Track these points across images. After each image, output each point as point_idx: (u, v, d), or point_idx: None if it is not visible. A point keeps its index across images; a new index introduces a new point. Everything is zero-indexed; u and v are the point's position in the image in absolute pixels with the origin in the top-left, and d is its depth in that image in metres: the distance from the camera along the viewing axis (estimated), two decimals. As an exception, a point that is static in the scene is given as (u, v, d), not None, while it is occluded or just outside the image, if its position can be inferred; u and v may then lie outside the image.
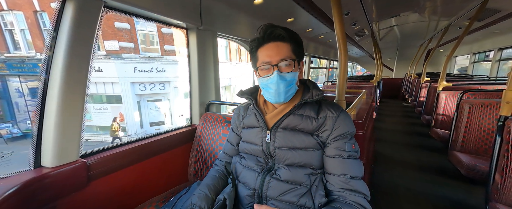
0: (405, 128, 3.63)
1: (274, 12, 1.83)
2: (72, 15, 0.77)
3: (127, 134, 7.46)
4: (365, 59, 9.42)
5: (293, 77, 0.66)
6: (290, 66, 0.65)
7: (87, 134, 7.57)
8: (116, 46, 6.65)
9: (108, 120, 7.51)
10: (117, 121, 7.43)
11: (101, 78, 6.91)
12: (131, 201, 1.04)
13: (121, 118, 7.51)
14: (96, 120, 7.58)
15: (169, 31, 7.77)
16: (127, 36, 6.82)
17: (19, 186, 0.68)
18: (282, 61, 0.64)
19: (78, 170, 0.84)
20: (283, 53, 0.65)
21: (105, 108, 7.45)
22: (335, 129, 0.66)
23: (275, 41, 0.65)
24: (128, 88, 7.15)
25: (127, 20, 6.78)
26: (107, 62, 6.76)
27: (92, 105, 7.46)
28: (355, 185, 0.62)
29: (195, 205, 0.67)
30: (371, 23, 2.96)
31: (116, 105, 7.39)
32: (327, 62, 5.63)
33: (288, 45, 0.66)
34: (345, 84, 1.15)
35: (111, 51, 6.71)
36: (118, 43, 6.64)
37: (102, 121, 7.55)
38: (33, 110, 5.09)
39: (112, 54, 6.71)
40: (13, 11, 6.80)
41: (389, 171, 2.07)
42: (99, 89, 7.16)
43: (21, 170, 0.78)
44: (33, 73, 7.57)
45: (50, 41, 0.79)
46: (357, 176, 0.64)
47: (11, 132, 7.06)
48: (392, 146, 2.77)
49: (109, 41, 6.68)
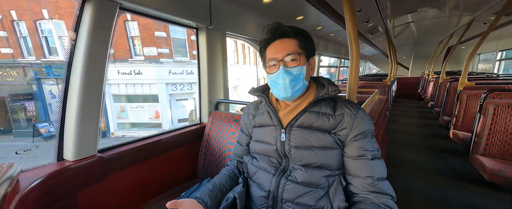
0: (421, 129, 3.33)
1: (283, 11, 1.74)
2: (90, 17, 0.78)
3: (162, 128, 8.01)
4: (378, 58, 8.96)
5: (299, 72, 0.62)
6: (296, 61, 0.63)
7: (130, 131, 8.24)
8: (154, 52, 7.50)
9: (145, 118, 8.20)
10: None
11: (140, 80, 7.64)
12: (144, 195, 1.06)
13: (156, 115, 8.12)
14: (136, 117, 8.24)
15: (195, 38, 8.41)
16: (164, 43, 7.62)
17: (44, 178, 0.71)
18: (288, 56, 0.63)
19: (96, 164, 0.87)
20: (288, 48, 0.63)
21: (142, 107, 8.13)
22: (355, 127, 0.61)
23: (280, 38, 0.64)
24: (164, 89, 7.83)
25: (165, 29, 7.51)
26: (147, 66, 7.53)
27: (129, 104, 8.11)
28: (382, 186, 0.58)
29: (198, 199, 0.64)
30: (385, 20, 2.77)
31: (152, 103, 8.07)
32: (337, 60, 5.48)
33: (294, 41, 0.64)
34: (357, 83, 1.11)
35: (149, 56, 7.51)
36: (156, 50, 7.49)
37: (137, 119, 8.22)
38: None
39: (150, 59, 7.53)
40: (53, 20, 7.52)
41: (403, 175, 1.90)
42: (137, 90, 7.86)
43: (46, 162, 0.82)
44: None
45: (70, 43, 0.81)
46: (383, 177, 0.60)
47: (49, 130, 7.57)
48: (406, 148, 2.54)
49: (148, 48, 7.46)
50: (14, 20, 7.38)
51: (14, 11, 7.26)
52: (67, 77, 0.82)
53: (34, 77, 7.84)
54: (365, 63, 9.96)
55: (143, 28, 7.38)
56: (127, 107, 8.14)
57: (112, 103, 8.04)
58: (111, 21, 0.85)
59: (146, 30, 7.39)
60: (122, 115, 8.20)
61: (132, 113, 8.20)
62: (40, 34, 7.64)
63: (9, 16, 7.31)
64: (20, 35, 7.59)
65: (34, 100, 7.94)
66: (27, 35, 7.56)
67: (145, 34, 7.41)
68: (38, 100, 7.96)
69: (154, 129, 8.20)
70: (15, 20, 7.38)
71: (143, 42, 7.47)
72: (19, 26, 7.53)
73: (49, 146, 4.18)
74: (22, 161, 4.80)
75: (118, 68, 7.35)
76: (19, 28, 7.55)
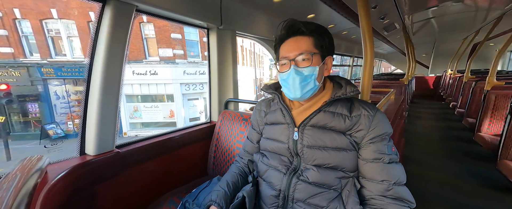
0: (442, 132, 3.14)
1: (294, 9, 1.71)
2: (109, 19, 0.82)
3: (177, 127, 8.35)
4: (394, 56, 8.52)
5: (311, 72, 0.60)
6: (308, 61, 0.60)
7: (143, 130, 8.41)
8: (170, 53, 7.75)
9: (159, 117, 8.37)
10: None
11: (156, 80, 7.89)
12: (157, 190, 1.09)
13: (171, 114, 8.36)
14: (149, 116, 8.43)
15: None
16: (179, 45, 7.86)
17: (68, 170, 0.76)
18: (300, 55, 0.60)
19: (114, 159, 0.91)
20: (301, 47, 0.60)
21: (156, 106, 8.35)
22: (372, 129, 0.59)
23: (294, 36, 0.62)
24: (178, 89, 8.07)
25: (180, 31, 7.75)
26: (163, 67, 7.78)
27: (143, 104, 8.30)
28: (399, 192, 0.55)
29: (214, 202, 0.64)
30: (402, 16, 2.63)
31: (167, 103, 8.30)
32: (350, 59, 5.30)
33: (309, 39, 0.61)
34: (370, 83, 1.06)
35: (164, 57, 7.75)
36: (172, 51, 7.75)
37: (151, 118, 8.41)
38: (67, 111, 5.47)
39: (165, 60, 7.77)
40: (62, 20, 7.33)
41: (421, 180, 1.80)
42: (151, 90, 8.11)
43: (70, 156, 0.88)
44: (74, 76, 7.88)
45: (92, 44, 0.85)
46: (401, 182, 0.57)
47: (56, 132, 7.50)
48: (425, 151, 2.39)
49: (163, 49, 7.70)
50: (17, 19, 7.16)
51: (18, 9, 7.11)
52: (88, 77, 0.87)
53: (40, 77, 7.62)
54: (380, 62, 9.54)
55: (159, 30, 7.63)
56: (140, 106, 8.36)
57: (125, 103, 8.27)
58: (128, 22, 0.88)
59: (162, 32, 7.63)
60: (135, 115, 8.41)
61: (146, 112, 8.41)
62: (46, 34, 7.52)
63: (11, 14, 7.10)
64: (22, 34, 7.43)
65: (39, 102, 7.77)
66: (30, 34, 7.37)
67: (161, 36, 7.65)
68: (43, 102, 7.79)
69: (166, 128, 8.53)
70: (17, 19, 7.17)
71: (158, 44, 7.72)
72: (21, 25, 7.35)
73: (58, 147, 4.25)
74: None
75: (133, 69, 7.63)
76: (21, 26, 7.34)
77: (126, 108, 8.34)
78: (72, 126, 8.23)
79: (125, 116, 8.34)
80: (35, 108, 7.85)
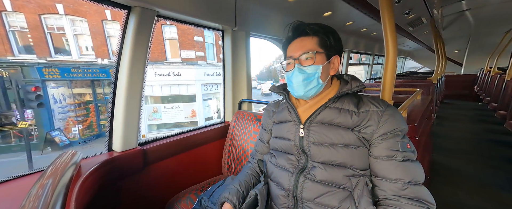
0: (479, 136, 2.86)
1: (310, 8, 1.68)
2: (134, 24, 0.87)
3: (193, 127, 8.63)
4: (420, 53, 7.82)
5: (314, 71, 0.61)
6: (311, 60, 0.61)
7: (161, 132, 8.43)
8: (192, 55, 8.19)
9: (180, 117, 8.54)
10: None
11: (179, 81, 8.19)
12: (175, 187, 1.13)
13: (192, 114, 8.67)
14: (170, 117, 8.45)
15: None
16: (201, 47, 8.28)
17: (99, 164, 0.81)
18: (303, 54, 0.62)
19: (137, 155, 0.97)
20: (305, 47, 0.62)
21: (177, 106, 8.57)
22: (382, 125, 0.57)
23: (300, 36, 0.64)
24: (200, 89, 8.42)
25: (201, 34, 8.14)
26: (188, 68, 8.16)
27: (163, 104, 8.33)
28: (416, 191, 0.52)
29: (227, 198, 0.67)
30: (431, 9, 2.41)
31: (189, 103, 8.59)
32: (370, 57, 5.00)
33: (313, 39, 0.63)
34: (393, 82, 1.00)
35: (186, 59, 8.13)
36: (194, 53, 8.19)
37: (171, 119, 8.50)
38: (69, 115, 5.60)
39: (187, 62, 8.13)
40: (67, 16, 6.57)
41: (452, 188, 1.65)
42: (173, 91, 8.33)
43: (101, 151, 0.96)
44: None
45: (118, 48, 0.91)
46: (418, 181, 0.53)
47: (61, 140, 6.76)
48: (458, 157, 2.20)
49: (186, 51, 8.12)
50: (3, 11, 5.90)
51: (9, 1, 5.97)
52: (115, 79, 0.93)
53: (39, 79, 6.41)
54: (404, 60, 8.87)
55: (182, 33, 8.08)
56: (160, 107, 8.42)
57: (144, 105, 8.11)
58: (150, 27, 0.93)
59: (185, 34, 8.09)
60: (154, 116, 8.35)
61: (166, 113, 8.46)
62: (45, 30, 6.49)
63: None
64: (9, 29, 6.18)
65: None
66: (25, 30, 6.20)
67: (183, 38, 8.12)
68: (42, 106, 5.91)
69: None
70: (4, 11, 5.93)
71: (180, 46, 8.14)
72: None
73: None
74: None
75: (156, 70, 7.92)
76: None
77: (145, 109, 8.08)
78: (77, 132, 7.46)
79: (143, 117, 8.01)
80: (26, 113, 6.19)
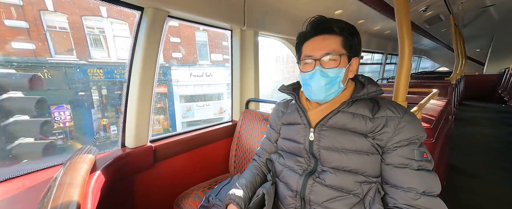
0: (502, 140, 2.67)
1: (320, 5, 1.64)
2: (146, 25, 0.89)
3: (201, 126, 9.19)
4: (437, 52, 7.32)
5: (337, 74, 0.57)
6: (335, 62, 0.57)
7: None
8: (220, 58, 9.19)
9: (210, 114, 9.21)
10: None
11: (209, 81, 8.97)
12: (183, 184, 1.15)
13: (220, 110, 9.35)
14: (201, 114, 9.12)
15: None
16: (227, 50, 9.05)
17: (113, 159, 0.84)
18: (326, 55, 0.56)
19: (148, 152, 0.98)
20: (329, 47, 0.57)
21: (207, 105, 9.25)
22: (398, 133, 0.54)
23: (322, 34, 0.58)
24: (225, 88, 9.10)
25: (227, 39, 8.93)
26: (218, 70, 8.99)
27: (196, 103, 8.79)
28: (428, 203, 0.50)
29: (233, 201, 0.64)
30: (450, 6, 2.29)
31: (217, 101, 9.32)
32: (382, 57, 4.82)
33: (338, 38, 0.57)
34: (407, 82, 0.95)
35: (214, 61, 9.09)
36: (222, 56, 9.17)
37: (202, 116, 9.10)
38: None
39: (215, 64, 9.08)
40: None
41: (471, 197, 1.55)
42: (204, 90, 9.04)
43: (114, 148, 0.98)
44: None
45: (131, 47, 0.91)
46: (433, 192, 0.51)
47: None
48: (478, 163, 2.07)
49: (215, 54, 9.06)
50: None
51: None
52: (129, 78, 0.94)
53: (86, 79, 6.14)
54: (420, 59, 8.46)
55: (210, 38, 9.01)
56: (193, 105, 9.13)
57: (179, 104, 8.51)
58: (161, 27, 0.94)
59: (216, 39, 9.08)
60: (188, 114, 8.82)
61: (198, 111, 9.20)
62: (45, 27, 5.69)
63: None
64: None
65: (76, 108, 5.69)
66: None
67: (212, 42, 9.06)
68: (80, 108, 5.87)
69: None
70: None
71: (210, 48, 9.08)
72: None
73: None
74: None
75: (191, 71, 8.70)
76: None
77: (179, 108, 8.53)
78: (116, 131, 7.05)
79: (178, 115, 8.34)
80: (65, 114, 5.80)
